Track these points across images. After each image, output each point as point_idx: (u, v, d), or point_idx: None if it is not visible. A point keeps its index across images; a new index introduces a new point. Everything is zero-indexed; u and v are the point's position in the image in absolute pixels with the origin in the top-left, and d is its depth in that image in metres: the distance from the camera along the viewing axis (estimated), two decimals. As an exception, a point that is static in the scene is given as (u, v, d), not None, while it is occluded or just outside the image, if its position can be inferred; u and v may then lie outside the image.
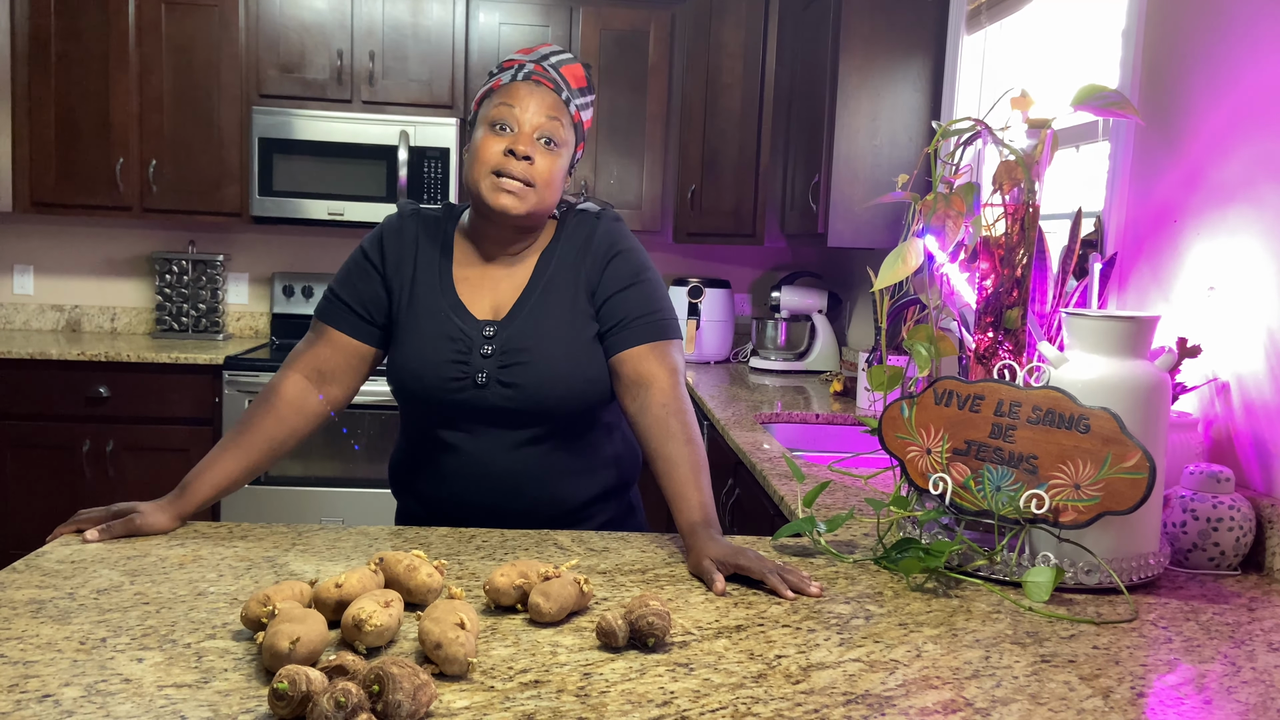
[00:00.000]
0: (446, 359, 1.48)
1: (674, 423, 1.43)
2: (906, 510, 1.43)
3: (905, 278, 1.46)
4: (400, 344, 1.52)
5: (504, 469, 1.51)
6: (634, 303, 1.51)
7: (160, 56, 3.78)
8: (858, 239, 3.15)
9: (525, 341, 1.48)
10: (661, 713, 0.90)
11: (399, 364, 1.52)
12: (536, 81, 1.48)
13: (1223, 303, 1.64)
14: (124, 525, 1.35)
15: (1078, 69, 2.39)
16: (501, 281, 1.54)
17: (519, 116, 1.45)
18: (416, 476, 1.59)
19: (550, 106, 1.47)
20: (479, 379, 1.47)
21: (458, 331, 1.49)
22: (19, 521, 3.62)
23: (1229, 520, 1.42)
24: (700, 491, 1.38)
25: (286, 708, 0.84)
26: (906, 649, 1.08)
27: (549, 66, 1.50)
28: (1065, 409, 1.29)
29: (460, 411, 1.50)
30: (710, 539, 1.30)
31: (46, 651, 0.98)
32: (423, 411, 1.53)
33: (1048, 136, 1.49)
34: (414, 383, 1.50)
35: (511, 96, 1.46)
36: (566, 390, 1.49)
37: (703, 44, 3.93)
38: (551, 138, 1.46)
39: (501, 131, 1.45)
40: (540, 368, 1.47)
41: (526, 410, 1.48)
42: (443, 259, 1.55)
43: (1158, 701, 0.98)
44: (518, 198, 1.45)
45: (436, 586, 1.13)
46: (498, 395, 1.48)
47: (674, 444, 1.41)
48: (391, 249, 1.55)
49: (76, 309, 4.20)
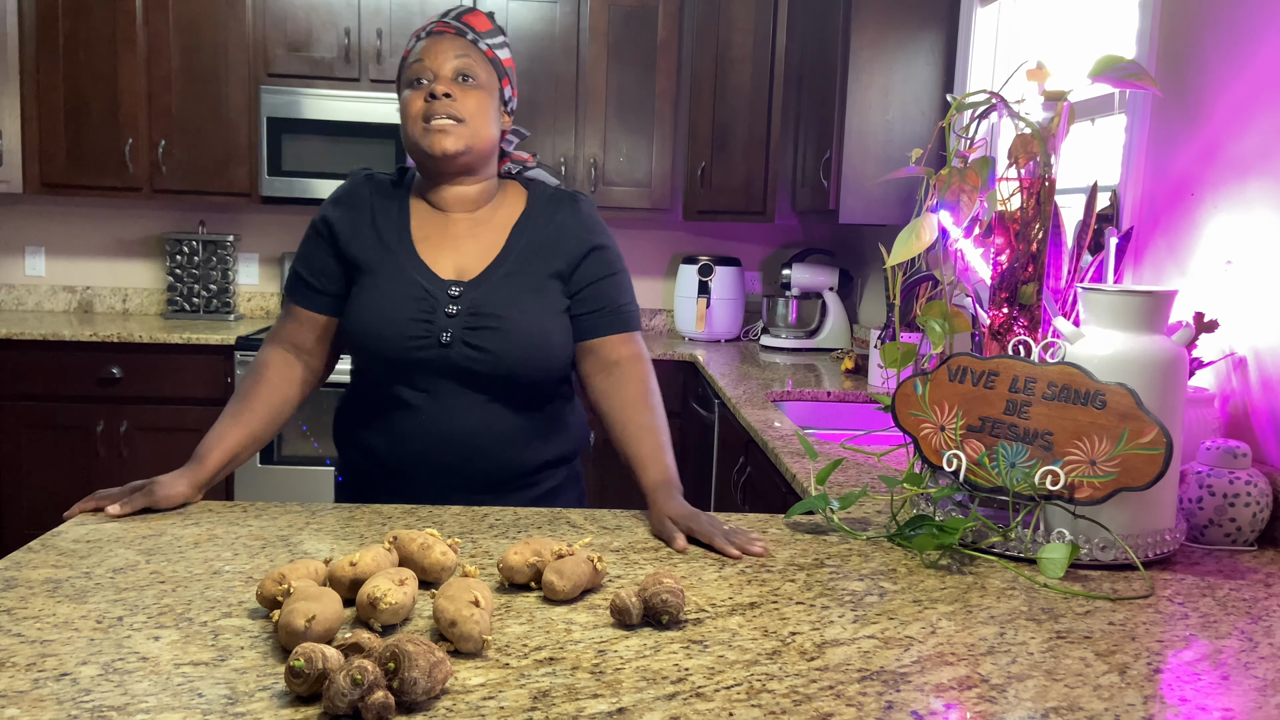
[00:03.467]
0: (409, 316, 1.49)
1: (650, 399, 1.55)
2: (920, 487, 1.42)
3: (919, 254, 1.44)
4: (359, 302, 1.52)
5: (463, 429, 1.52)
6: (612, 292, 1.59)
7: (168, 36, 3.77)
8: (870, 215, 3.13)
9: (496, 307, 1.50)
10: (676, 689, 0.90)
11: (357, 321, 1.52)
12: (440, 33, 1.54)
13: (1240, 277, 1.62)
14: (144, 496, 1.37)
15: (1094, 40, 2.36)
16: (464, 242, 1.55)
17: (430, 65, 1.51)
18: (368, 431, 1.58)
19: (458, 48, 1.52)
20: (443, 338, 1.49)
21: (420, 291, 1.51)
22: (34, 502, 3.65)
23: (1245, 496, 1.42)
24: (668, 457, 1.50)
25: (303, 685, 0.84)
26: (921, 625, 1.07)
27: (451, 19, 1.57)
28: (1081, 385, 1.28)
29: (421, 370, 1.50)
30: (671, 497, 1.41)
31: (64, 630, 0.99)
32: (382, 369, 1.53)
33: (1064, 109, 1.47)
34: (374, 341, 1.51)
35: (421, 54, 1.52)
36: (534, 358, 1.52)
37: (712, 19, 3.89)
38: (465, 73, 1.52)
39: (419, 86, 1.51)
40: (511, 334, 1.49)
41: (491, 374, 1.50)
42: (400, 218, 1.56)
43: (1174, 677, 0.98)
44: (451, 135, 1.49)
45: (450, 565, 1.13)
46: (462, 355, 1.49)
47: (650, 416, 1.53)
48: (342, 216, 1.57)
49: (88, 290, 4.21)
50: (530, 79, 3.93)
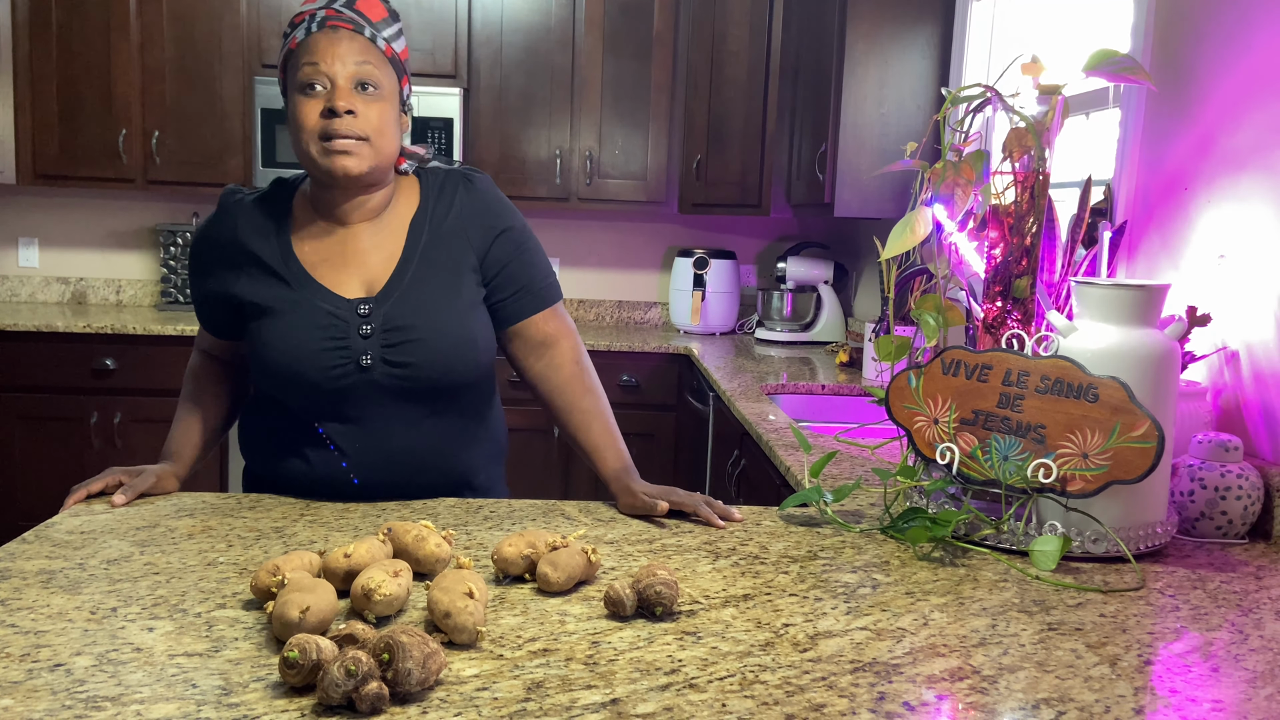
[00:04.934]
0: (321, 347, 1.39)
1: (587, 378, 1.54)
2: (913, 480, 1.43)
3: (913, 247, 1.44)
4: (264, 342, 1.41)
5: (403, 446, 1.44)
6: (527, 270, 1.52)
7: (161, 26, 3.76)
8: (865, 208, 3.13)
9: (410, 318, 1.41)
10: (669, 680, 0.91)
11: (268, 360, 1.41)
12: (334, 28, 1.36)
13: (1233, 271, 1.63)
14: (144, 481, 1.41)
15: (1088, 34, 2.36)
16: (369, 255, 1.44)
17: (326, 70, 1.35)
18: (292, 460, 1.46)
19: (358, 51, 1.36)
20: (363, 361, 1.39)
21: (326, 318, 1.40)
22: (28, 493, 3.64)
23: (1237, 489, 1.42)
24: (618, 441, 1.51)
25: (297, 676, 0.85)
26: (913, 617, 1.08)
27: (341, 8, 1.38)
28: (1074, 378, 1.29)
29: (347, 398, 1.41)
30: (635, 480, 1.44)
31: (58, 621, 0.99)
32: (304, 403, 1.43)
33: (1059, 103, 1.47)
34: (292, 380, 1.40)
35: (314, 53, 1.35)
36: (460, 360, 1.44)
37: (708, 12, 3.89)
38: (367, 82, 1.36)
39: (314, 92, 1.35)
40: (430, 343, 1.41)
41: (420, 388, 1.42)
42: (282, 245, 1.44)
43: (1164, 669, 0.99)
44: (355, 156, 1.35)
45: (445, 556, 1.13)
46: (386, 375, 1.40)
47: (589, 398, 1.52)
48: (218, 258, 1.46)
49: (81, 281, 4.20)
50: (525, 71, 3.92)
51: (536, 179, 3.97)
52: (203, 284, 1.50)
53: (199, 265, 1.49)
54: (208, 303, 1.51)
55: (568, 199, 4.01)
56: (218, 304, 1.48)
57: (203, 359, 1.58)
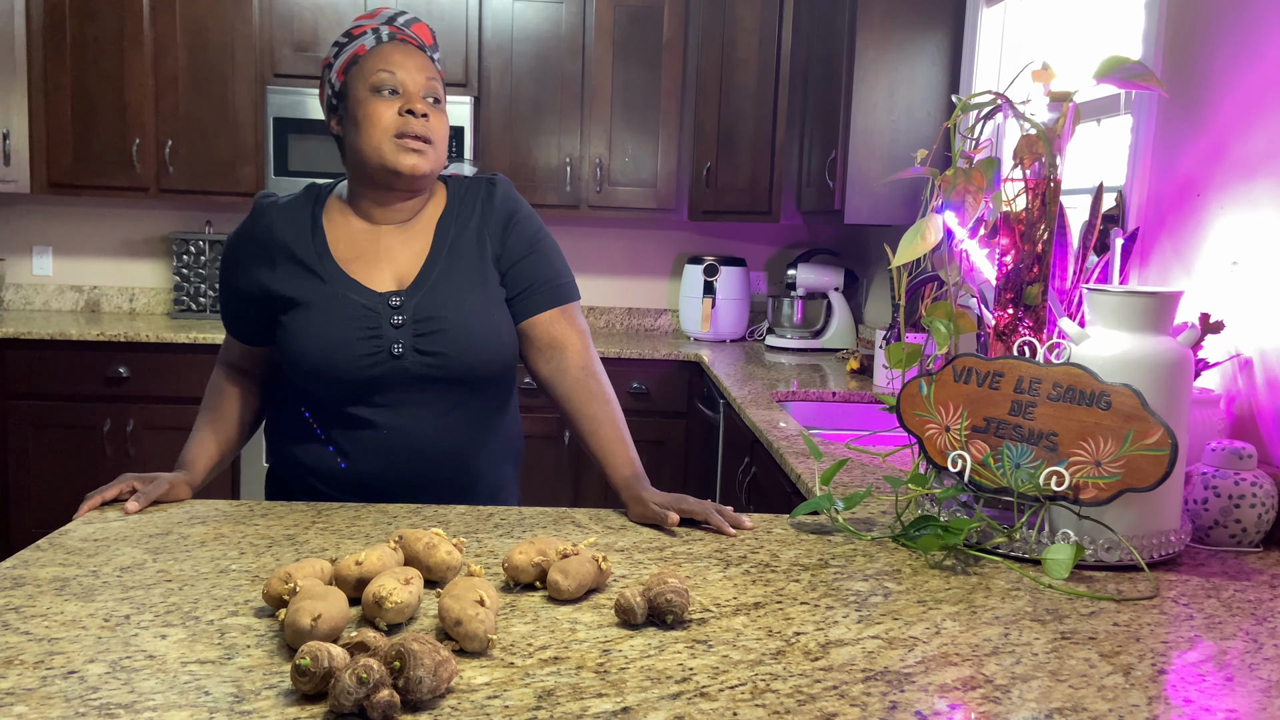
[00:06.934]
0: (354, 337, 1.45)
1: (594, 384, 1.54)
2: (925, 488, 1.42)
3: (924, 254, 1.44)
4: (298, 334, 1.47)
5: (431, 441, 1.49)
6: (538, 268, 1.55)
7: (175, 36, 3.78)
8: (875, 215, 3.13)
9: (439, 310, 1.47)
10: (680, 689, 0.90)
11: (301, 352, 1.47)
12: (404, 41, 1.50)
13: (1246, 277, 1.62)
14: (156, 488, 1.41)
15: (1099, 41, 2.35)
16: (399, 252, 1.51)
17: (402, 79, 1.46)
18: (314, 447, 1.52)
19: (425, 66, 1.49)
20: (395, 350, 1.45)
21: (359, 310, 1.46)
22: (41, 501, 3.66)
23: (1251, 497, 1.41)
24: (628, 448, 1.51)
25: (309, 683, 0.85)
26: (925, 626, 1.07)
27: (403, 26, 1.52)
28: (1086, 385, 1.28)
29: (379, 386, 1.47)
30: (647, 489, 1.44)
31: (71, 628, 0.99)
32: (338, 393, 1.48)
33: (1069, 110, 1.47)
34: (326, 370, 1.46)
35: (387, 61, 1.47)
36: (486, 351, 1.50)
37: (718, 19, 3.90)
38: (436, 96, 1.49)
39: (391, 95, 1.46)
40: (458, 333, 1.47)
41: (449, 377, 1.48)
42: (318, 243, 1.50)
43: (1178, 678, 0.98)
44: (423, 156, 1.46)
45: (456, 564, 1.13)
46: (417, 364, 1.46)
47: (597, 404, 1.52)
48: (256, 254, 1.51)
49: (95, 290, 4.22)
50: (536, 78, 3.93)
51: (547, 186, 3.98)
52: (235, 282, 1.54)
53: (232, 263, 1.54)
54: (239, 303, 1.54)
55: (578, 206, 4.01)
56: (250, 302, 1.52)
57: (226, 372, 1.60)
